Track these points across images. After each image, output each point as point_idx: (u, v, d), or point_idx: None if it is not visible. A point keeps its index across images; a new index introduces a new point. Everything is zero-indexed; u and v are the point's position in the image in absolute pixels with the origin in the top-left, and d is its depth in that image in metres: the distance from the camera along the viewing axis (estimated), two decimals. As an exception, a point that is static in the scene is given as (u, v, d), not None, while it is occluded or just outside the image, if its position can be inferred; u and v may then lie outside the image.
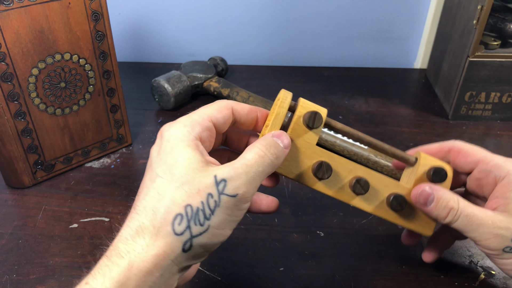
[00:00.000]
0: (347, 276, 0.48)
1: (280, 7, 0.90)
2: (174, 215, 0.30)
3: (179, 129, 0.33)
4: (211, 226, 0.30)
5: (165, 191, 0.30)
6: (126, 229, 0.30)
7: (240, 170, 0.31)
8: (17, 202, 0.57)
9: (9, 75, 0.52)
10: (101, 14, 0.56)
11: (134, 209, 0.31)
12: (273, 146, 0.33)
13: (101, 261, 0.30)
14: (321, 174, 0.37)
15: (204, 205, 0.30)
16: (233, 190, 0.30)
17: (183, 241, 0.30)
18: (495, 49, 0.71)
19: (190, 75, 0.79)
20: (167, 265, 0.29)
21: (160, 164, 0.32)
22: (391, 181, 0.39)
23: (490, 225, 0.34)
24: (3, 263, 0.49)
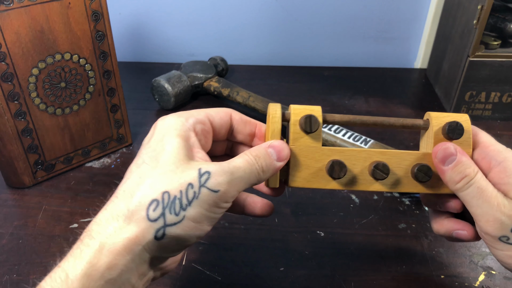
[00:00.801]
0: (347, 276, 0.48)
1: (280, 7, 0.90)
2: (150, 200, 0.29)
3: (173, 118, 0.33)
4: (186, 217, 0.29)
5: (147, 177, 0.30)
6: (102, 212, 0.30)
7: (226, 169, 0.31)
8: (18, 202, 0.57)
9: (9, 75, 0.52)
10: (101, 14, 0.56)
11: (115, 193, 0.31)
12: (262, 157, 0.33)
13: (75, 244, 0.30)
14: (337, 174, 0.35)
15: (182, 194, 0.29)
16: (215, 185, 0.30)
17: (155, 228, 0.29)
18: (495, 49, 0.71)
19: (190, 75, 0.79)
20: (139, 250, 0.29)
21: (148, 151, 0.32)
22: (410, 153, 0.37)
23: (495, 206, 0.32)
24: (4, 263, 0.49)
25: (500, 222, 0.32)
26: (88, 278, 0.28)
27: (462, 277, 0.48)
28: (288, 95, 0.82)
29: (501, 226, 0.32)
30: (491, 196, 0.33)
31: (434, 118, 0.37)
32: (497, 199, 0.32)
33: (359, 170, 0.37)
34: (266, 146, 0.34)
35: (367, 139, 0.62)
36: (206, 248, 0.51)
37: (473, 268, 0.49)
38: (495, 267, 0.49)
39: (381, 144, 0.62)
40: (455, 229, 0.37)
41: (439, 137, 0.37)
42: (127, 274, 0.29)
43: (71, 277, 0.28)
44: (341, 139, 0.63)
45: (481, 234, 0.34)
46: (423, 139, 0.39)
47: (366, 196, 0.58)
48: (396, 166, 0.37)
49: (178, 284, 0.47)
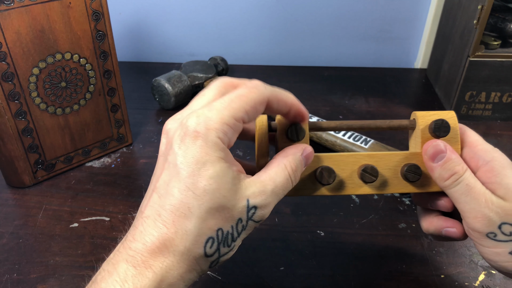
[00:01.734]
0: (347, 276, 0.48)
1: (281, 7, 0.90)
2: (206, 238, 0.29)
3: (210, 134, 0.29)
4: (235, 245, 0.31)
5: (197, 209, 0.29)
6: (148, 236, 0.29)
7: (270, 197, 0.31)
8: (18, 201, 0.57)
9: (10, 75, 0.52)
10: (102, 13, 0.56)
11: (159, 216, 0.29)
12: (299, 169, 0.33)
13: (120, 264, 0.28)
14: (325, 180, 0.36)
15: (233, 229, 0.30)
16: (260, 217, 0.31)
17: (211, 261, 0.30)
18: (495, 49, 0.71)
19: (191, 74, 0.79)
20: (193, 278, 0.30)
21: (189, 177, 0.28)
22: (398, 154, 0.37)
23: (483, 203, 0.32)
24: (4, 262, 0.49)
25: (488, 218, 0.32)
26: None
27: (462, 277, 0.48)
28: (288, 95, 0.82)
29: (488, 222, 0.32)
30: (480, 193, 0.33)
31: (420, 117, 0.37)
32: (485, 196, 0.33)
33: (348, 174, 0.37)
34: (302, 154, 0.34)
35: (367, 139, 0.62)
36: (206, 248, 0.51)
37: (473, 267, 0.49)
38: (495, 267, 0.49)
39: (381, 144, 0.62)
40: (445, 227, 0.38)
41: (426, 135, 0.37)
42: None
43: None
44: (341, 139, 0.63)
45: (468, 231, 0.35)
46: (411, 139, 0.40)
47: (366, 196, 0.58)
48: (385, 168, 0.37)
49: (178, 284, 0.47)
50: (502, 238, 0.32)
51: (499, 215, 0.32)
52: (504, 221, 0.32)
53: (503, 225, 0.32)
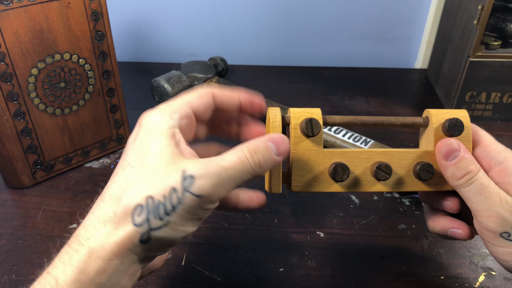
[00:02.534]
0: (347, 276, 0.48)
1: (281, 7, 0.89)
2: (135, 205, 0.29)
3: (157, 115, 0.32)
4: (171, 222, 0.29)
5: (132, 181, 0.30)
6: (89, 216, 0.30)
7: (213, 169, 0.29)
8: (17, 202, 0.57)
9: (9, 75, 0.51)
10: (101, 14, 0.56)
11: (101, 196, 0.31)
12: (260, 153, 0.31)
13: (63, 249, 0.30)
14: (340, 176, 0.35)
15: (166, 199, 0.29)
16: (198, 189, 0.29)
17: (141, 233, 0.29)
18: (495, 49, 0.71)
19: (190, 75, 0.79)
20: (126, 254, 0.29)
21: (133, 153, 0.31)
22: (411, 152, 0.37)
23: (497, 203, 0.32)
24: (2, 264, 0.49)
25: (502, 218, 0.32)
26: (78, 283, 0.28)
27: (462, 278, 0.48)
28: (288, 95, 0.82)
29: (503, 222, 0.32)
30: (494, 193, 0.33)
31: (434, 116, 0.37)
32: (500, 195, 0.33)
33: (361, 171, 0.36)
34: (266, 139, 0.32)
35: (367, 140, 0.62)
36: (206, 249, 0.51)
37: (473, 269, 0.49)
38: (495, 268, 0.49)
39: (381, 145, 0.61)
40: (451, 227, 0.37)
41: (439, 134, 0.37)
42: (117, 277, 0.29)
43: (61, 283, 0.28)
44: (341, 140, 0.63)
45: (481, 230, 0.34)
46: (423, 137, 0.39)
47: (366, 196, 0.58)
48: (397, 166, 0.37)
49: (177, 285, 0.47)
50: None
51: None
52: None
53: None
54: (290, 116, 0.36)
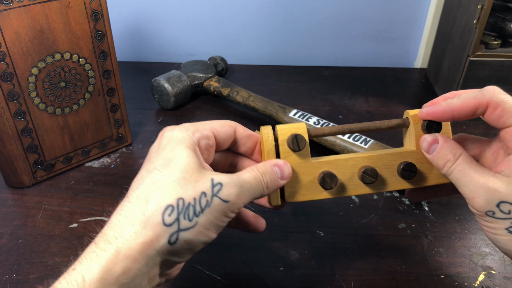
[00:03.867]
0: (347, 276, 0.48)
1: (280, 7, 0.89)
2: (166, 206, 0.30)
3: (180, 131, 0.34)
4: (199, 224, 0.31)
5: (161, 183, 0.31)
6: (116, 217, 0.31)
7: (237, 181, 0.33)
8: (17, 201, 0.57)
9: (9, 75, 0.52)
10: (101, 13, 0.56)
11: (127, 198, 0.32)
12: (268, 175, 0.35)
13: (89, 247, 0.30)
14: (328, 185, 0.37)
15: (196, 201, 0.31)
16: (226, 195, 0.32)
17: (170, 233, 0.30)
18: (495, 48, 0.71)
19: (190, 74, 0.79)
20: (152, 254, 0.30)
21: (158, 159, 0.33)
22: (394, 153, 0.39)
23: (479, 184, 0.33)
24: (3, 263, 0.49)
25: (485, 198, 0.33)
26: (104, 282, 0.28)
27: (461, 277, 0.48)
28: (288, 95, 0.82)
29: (486, 202, 0.33)
30: (475, 176, 0.34)
31: (413, 116, 0.39)
32: (484, 178, 0.34)
33: (348, 177, 0.39)
34: (272, 164, 0.36)
35: (367, 139, 0.62)
36: (206, 248, 0.51)
37: (473, 268, 0.49)
38: (495, 267, 0.49)
39: (380, 144, 0.61)
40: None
41: (420, 134, 0.39)
42: (140, 278, 0.30)
43: (87, 280, 0.28)
44: (341, 139, 0.63)
45: (472, 209, 0.36)
46: (406, 137, 0.41)
47: (366, 196, 0.58)
48: (382, 168, 0.39)
49: (177, 284, 0.47)
50: (500, 216, 0.33)
51: (497, 194, 0.33)
52: (503, 199, 0.33)
53: (501, 204, 0.33)
54: (277, 132, 0.38)
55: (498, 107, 0.34)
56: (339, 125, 0.40)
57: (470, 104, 0.35)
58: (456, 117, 0.36)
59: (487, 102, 0.34)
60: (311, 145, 0.67)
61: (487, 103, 0.35)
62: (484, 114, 0.35)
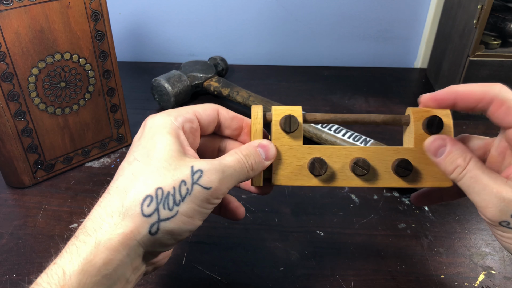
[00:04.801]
0: (347, 276, 0.48)
1: (281, 7, 0.89)
2: (144, 196, 0.30)
3: (162, 117, 0.34)
4: (180, 212, 0.30)
5: (140, 173, 0.31)
6: (96, 209, 0.31)
7: (218, 166, 0.32)
8: (17, 201, 0.57)
9: (9, 75, 0.52)
10: (101, 13, 0.56)
11: (107, 189, 0.32)
12: (252, 156, 0.34)
13: (70, 241, 0.30)
14: (317, 171, 0.36)
15: (175, 190, 0.30)
16: (207, 182, 0.31)
17: (150, 223, 0.30)
18: (495, 48, 0.71)
19: (190, 74, 0.79)
20: (133, 245, 0.30)
21: (139, 149, 0.32)
22: (391, 149, 0.38)
23: (493, 194, 0.31)
24: (3, 263, 0.49)
25: (499, 208, 0.32)
26: (85, 274, 0.28)
27: (462, 277, 0.48)
28: (288, 95, 0.82)
29: (500, 212, 0.32)
30: (488, 184, 0.32)
31: (414, 113, 0.38)
32: (497, 186, 0.32)
33: (339, 166, 0.37)
34: (256, 145, 0.35)
35: (367, 139, 0.62)
36: (206, 248, 0.51)
37: (473, 268, 0.49)
38: (495, 267, 0.49)
39: (380, 144, 0.61)
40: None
41: (420, 131, 0.37)
42: (122, 269, 0.30)
43: (68, 273, 0.28)
44: (341, 139, 0.63)
45: (483, 218, 0.34)
46: (405, 134, 0.40)
47: (366, 195, 0.58)
48: (377, 162, 0.38)
49: (178, 284, 0.47)
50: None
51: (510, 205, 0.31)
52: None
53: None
54: (271, 113, 0.37)
55: (503, 105, 0.33)
56: (332, 114, 0.39)
57: (475, 93, 0.34)
58: (458, 105, 0.35)
59: (491, 97, 0.33)
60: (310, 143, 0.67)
61: (491, 98, 0.33)
62: (487, 110, 0.34)
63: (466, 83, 0.77)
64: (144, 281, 0.47)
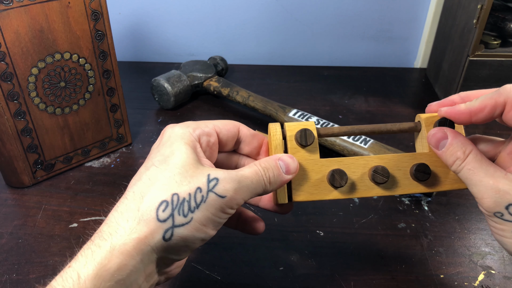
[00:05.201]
0: (347, 276, 0.48)
1: (280, 7, 0.89)
2: (160, 201, 0.30)
3: (181, 128, 0.35)
4: (194, 219, 0.30)
5: (156, 179, 0.31)
6: (113, 213, 0.31)
7: (234, 176, 0.32)
8: (17, 201, 0.57)
9: (9, 75, 0.52)
10: (101, 13, 0.56)
11: (125, 194, 0.32)
12: (271, 170, 0.34)
13: (85, 245, 0.30)
14: (338, 182, 0.36)
15: (191, 197, 0.31)
16: (223, 191, 0.31)
17: (164, 229, 0.30)
18: (495, 48, 0.71)
19: (190, 74, 0.79)
20: (147, 251, 0.30)
21: (157, 156, 0.33)
22: (407, 155, 0.38)
23: (489, 185, 0.32)
24: (3, 263, 0.49)
25: (493, 200, 0.32)
26: (99, 278, 0.28)
27: (461, 277, 0.48)
28: (288, 94, 0.82)
29: (494, 203, 0.32)
30: (484, 176, 0.33)
31: (425, 119, 0.38)
32: (494, 178, 0.33)
33: (358, 176, 0.37)
34: (276, 158, 0.35)
35: (367, 139, 0.62)
36: (206, 248, 0.51)
37: (473, 267, 0.49)
38: (495, 267, 0.49)
39: (380, 144, 0.62)
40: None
41: None
42: (135, 275, 0.30)
43: (82, 277, 0.28)
44: (341, 139, 0.63)
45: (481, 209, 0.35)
46: (417, 141, 0.40)
47: (366, 195, 0.58)
48: (395, 169, 0.38)
49: (177, 284, 0.47)
50: (509, 218, 0.32)
51: (507, 197, 0.32)
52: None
53: (511, 206, 0.32)
54: (285, 129, 0.37)
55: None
56: (349, 126, 0.39)
57: (488, 105, 0.33)
58: (474, 120, 0.35)
59: (504, 100, 0.33)
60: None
61: (504, 102, 0.33)
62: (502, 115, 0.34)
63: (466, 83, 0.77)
64: (144, 281, 0.47)
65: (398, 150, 0.61)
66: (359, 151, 0.61)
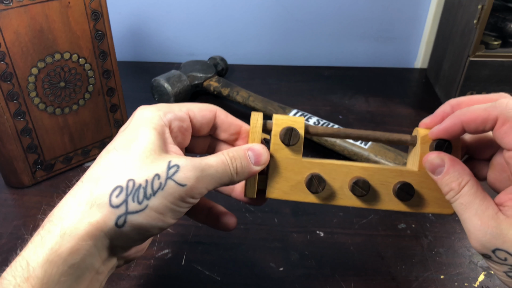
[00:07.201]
0: (347, 276, 0.48)
1: (281, 7, 0.89)
2: (114, 186, 0.29)
3: (151, 111, 0.33)
4: (149, 207, 0.29)
5: (115, 163, 0.30)
6: (67, 197, 0.30)
7: (197, 164, 0.30)
8: (17, 201, 0.57)
9: (9, 75, 0.52)
10: (101, 13, 0.56)
11: (81, 178, 0.31)
12: (239, 159, 0.33)
13: (36, 231, 0.29)
14: (315, 188, 0.35)
15: (148, 183, 0.29)
16: (183, 178, 0.29)
17: (117, 215, 0.29)
18: (495, 48, 0.71)
19: (190, 74, 0.79)
20: (100, 236, 0.29)
21: (121, 139, 0.32)
22: (393, 170, 0.36)
23: (477, 227, 0.30)
24: (3, 263, 0.49)
25: (480, 242, 0.31)
26: (51, 264, 0.27)
27: (461, 277, 0.48)
28: (288, 95, 0.82)
29: (481, 246, 0.31)
30: (474, 214, 0.31)
31: (422, 136, 0.36)
32: (483, 218, 0.30)
33: (339, 185, 0.36)
34: (246, 148, 0.33)
35: (367, 139, 0.62)
36: (206, 248, 0.51)
37: (473, 268, 0.49)
38: (495, 267, 0.49)
39: (381, 144, 0.61)
40: None
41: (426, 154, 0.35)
42: (90, 259, 0.29)
43: (32, 264, 0.27)
44: (341, 139, 0.63)
45: None
46: (410, 155, 0.38)
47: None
48: (378, 183, 0.36)
49: (177, 284, 0.47)
50: (497, 260, 0.31)
51: (493, 242, 0.30)
52: (499, 247, 0.30)
53: (497, 251, 0.30)
54: (272, 122, 0.35)
55: (506, 123, 0.30)
56: (335, 128, 0.37)
57: (480, 116, 0.31)
58: (467, 130, 0.33)
59: (496, 116, 0.30)
60: (311, 145, 0.67)
61: (496, 117, 0.31)
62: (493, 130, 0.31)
63: (466, 83, 0.77)
64: (143, 281, 0.47)
65: (399, 151, 0.61)
66: (359, 151, 0.61)
